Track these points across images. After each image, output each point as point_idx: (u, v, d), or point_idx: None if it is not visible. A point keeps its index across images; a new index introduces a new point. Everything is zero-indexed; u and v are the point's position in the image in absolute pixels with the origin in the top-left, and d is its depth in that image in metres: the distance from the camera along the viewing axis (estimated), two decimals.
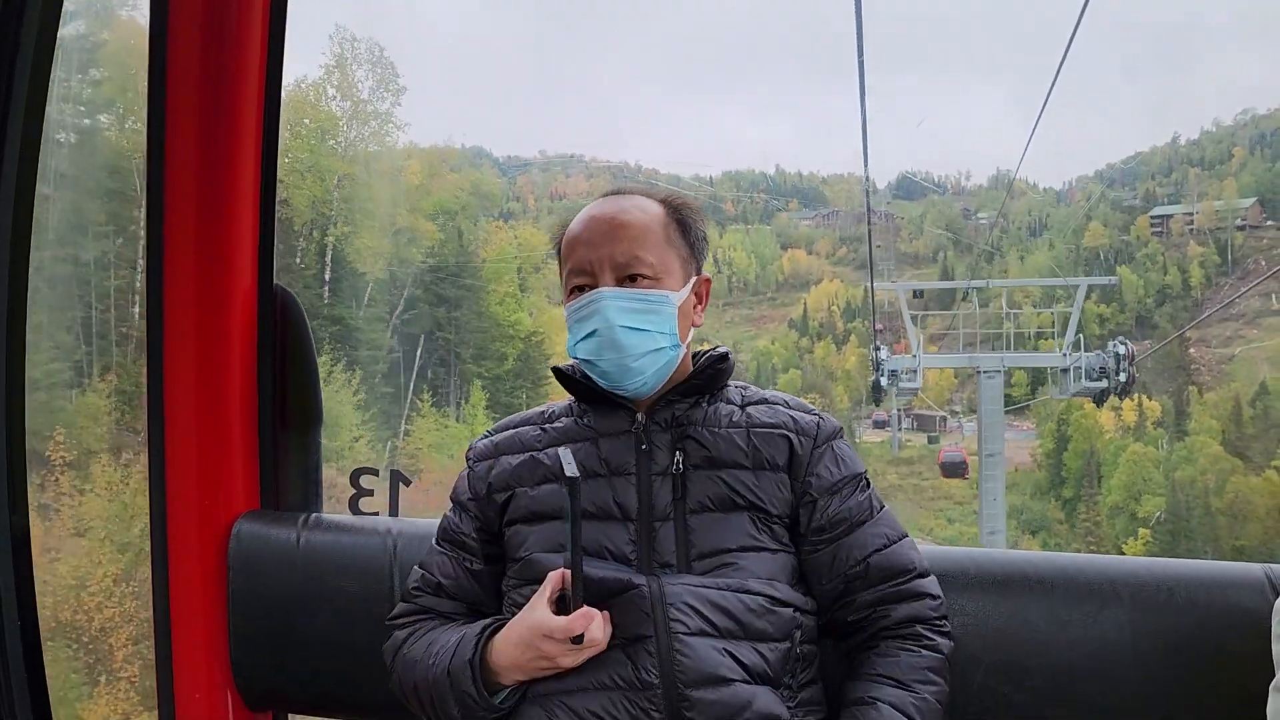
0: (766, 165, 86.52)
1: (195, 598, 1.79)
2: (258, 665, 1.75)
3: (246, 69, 1.74)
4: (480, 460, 1.47)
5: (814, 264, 60.99)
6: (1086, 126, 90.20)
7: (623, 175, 69.06)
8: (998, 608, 1.52)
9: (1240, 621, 1.45)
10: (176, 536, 1.79)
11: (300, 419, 1.89)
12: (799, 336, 53.23)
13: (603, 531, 1.33)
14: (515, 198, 59.42)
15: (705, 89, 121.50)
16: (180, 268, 1.78)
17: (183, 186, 1.76)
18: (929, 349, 31.95)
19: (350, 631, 1.68)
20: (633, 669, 1.26)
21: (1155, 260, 50.49)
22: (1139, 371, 32.55)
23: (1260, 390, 35.73)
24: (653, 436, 1.37)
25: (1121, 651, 1.48)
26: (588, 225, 1.39)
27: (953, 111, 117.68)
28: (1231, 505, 29.32)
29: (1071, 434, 36.86)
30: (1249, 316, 44.18)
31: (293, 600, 1.71)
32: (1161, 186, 56.30)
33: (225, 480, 1.82)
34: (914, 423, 39.83)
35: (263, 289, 1.85)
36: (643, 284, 1.36)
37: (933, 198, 67.73)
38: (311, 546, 1.72)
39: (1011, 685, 1.50)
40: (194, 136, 1.74)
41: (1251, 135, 55.63)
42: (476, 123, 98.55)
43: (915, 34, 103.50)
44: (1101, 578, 1.53)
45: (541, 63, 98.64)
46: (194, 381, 1.80)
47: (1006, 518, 28.79)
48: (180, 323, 1.79)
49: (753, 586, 1.31)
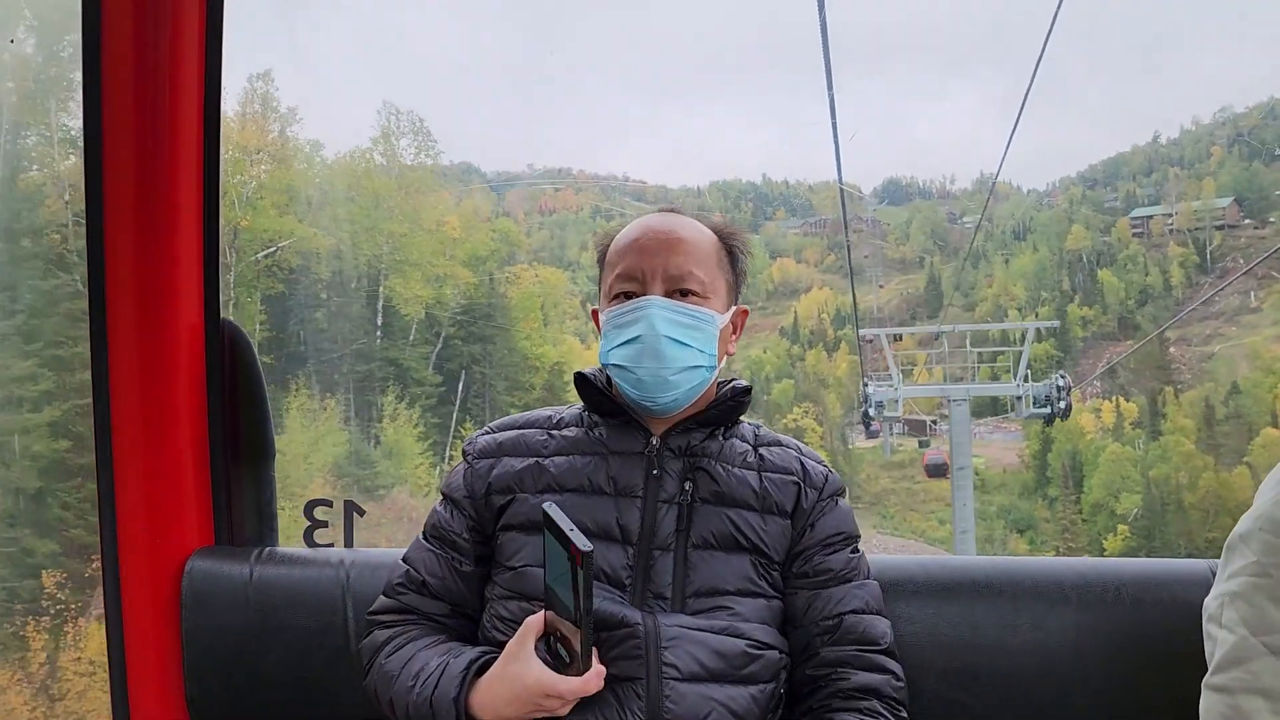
0: (753, 174, 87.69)
1: (149, 635, 1.77)
2: (213, 701, 1.74)
3: (184, 97, 1.71)
4: (481, 458, 1.43)
5: (803, 272, 61.44)
6: (1069, 127, 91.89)
7: (611, 188, 70.20)
8: (946, 614, 1.52)
9: (1183, 617, 1.44)
10: (129, 575, 1.78)
11: (252, 453, 1.88)
12: (790, 344, 53.75)
13: (600, 552, 1.29)
14: (505, 213, 60.60)
15: (690, 100, 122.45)
16: (123, 303, 1.76)
17: (122, 220, 1.73)
18: (919, 354, 33.80)
19: (304, 665, 1.68)
20: (619, 710, 1.23)
21: (1136, 261, 50.99)
22: (1123, 371, 34.59)
23: (1232, 390, 36.75)
24: (665, 462, 1.35)
25: (1067, 652, 1.48)
26: (644, 234, 1.37)
27: (936, 115, 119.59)
28: (1203, 500, 30.71)
29: (1055, 435, 37.64)
30: (1228, 314, 44.71)
31: (246, 635, 1.70)
32: (1142, 187, 56.83)
33: (177, 517, 1.81)
34: (905, 428, 41.06)
35: (209, 323, 1.83)
36: (692, 300, 1.35)
37: (918, 203, 67.92)
38: (265, 581, 1.72)
39: (963, 691, 1.50)
40: (132, 169, 1.72)
41: (1229, 134, 55.90)
42: (463, 139, 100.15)
43: (894, 36, 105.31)
44: (1048, 580, 1.53)
45: (527, 78, 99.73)
46: (141, 418, 1.78)
47: (995, 518, 30.61)
48: (125, 359, 1.76)
49: (744, 630, 1.29)
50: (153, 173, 1.72)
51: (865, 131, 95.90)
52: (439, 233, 29.47)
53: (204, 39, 1.71)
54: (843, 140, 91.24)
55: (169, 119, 1.70)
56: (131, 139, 1.70)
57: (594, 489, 1.33)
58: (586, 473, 1.34)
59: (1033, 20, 63.01)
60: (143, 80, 1.70)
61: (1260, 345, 39.76)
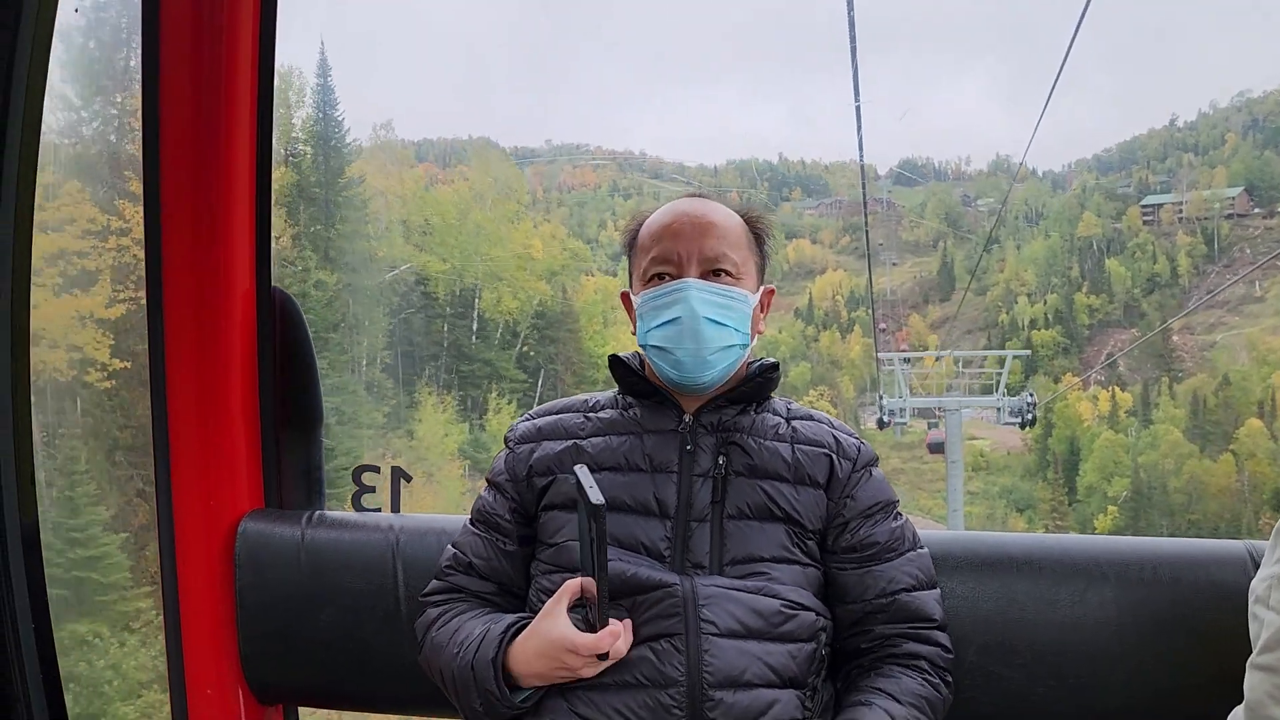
0: (769, 153, 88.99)
1: (204, 596, 1.81)
2: (267, 660, 1.77)
3: (239, 72, 1.75)
4: (522, 443, 1.47)
5: (818, 253, 62.52)
6: (1088, 109, 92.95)
7: (629, 164, 71.79)
8: (986, 588, 1.54)
9: (1222, 597, 1.46)
10: (184, 536, 1.83)
11: (302, 418, 1.91)
12: (805, 325, 54.98)
13: (640, 526, 1.34)
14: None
15: (706, 78, 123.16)
16: (179, 272, 1.80)
17: (179, 191, 1.77)
18: (930, 338, 37.24)
19: (356, 625, 1.71)
20: (658, 665, 1.26)
21: (1145, 249, 51.71)
22: (1124, 360, 38.52)
23: (1222, 382, 38.58)
24: (698, 438, 1.38)
25: (1107, 628, 1.50)
26: (676, 219, 1.40)
27: (950, 94, 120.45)
28: (1187, 485, 33.52)
29: (1056, 421, 39.87)
30: (1232, 304, 45.69)
31: (299, 596, 1.73)
32: (1155, 174, 57.36)
33: (230, 480, 1.85)
34: (915, 411, 43.85)
35: (260, 291, 1.85)
36: (725, 280, 1.38)
37: (933, 185, 68.66)
38: (316, 543, 1.75)
39: (1001, 664, 1.52)
40: (188, 141, 1.76)
41: (1244, 120, 56.67)
42: (482, 114, 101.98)
43: (907, 16, 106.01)
44: (1087, 557, 1.55)
45: (544, 54, 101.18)
46: (196, 384, 1.82)
47: (998, 498, 34.50)
48: (181, 327, 1.81)
49: (779, 591, 1.32)
50: (208, 147, 1.75)
51: (880, 112, 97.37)
52: (524, 254, 36.42)
53: (258, 17, 1.75)
54: (890, 118, 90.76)
55: (224, 98, 1.74)
56: (187, 117, 1.74)
57: (631, 466, 1.37)
58: (623, 451, 1.39)
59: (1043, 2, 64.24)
60: (199, 60, 1.73)
61: (1257, 336, 41.15)
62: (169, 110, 1.75)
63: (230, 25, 1.73)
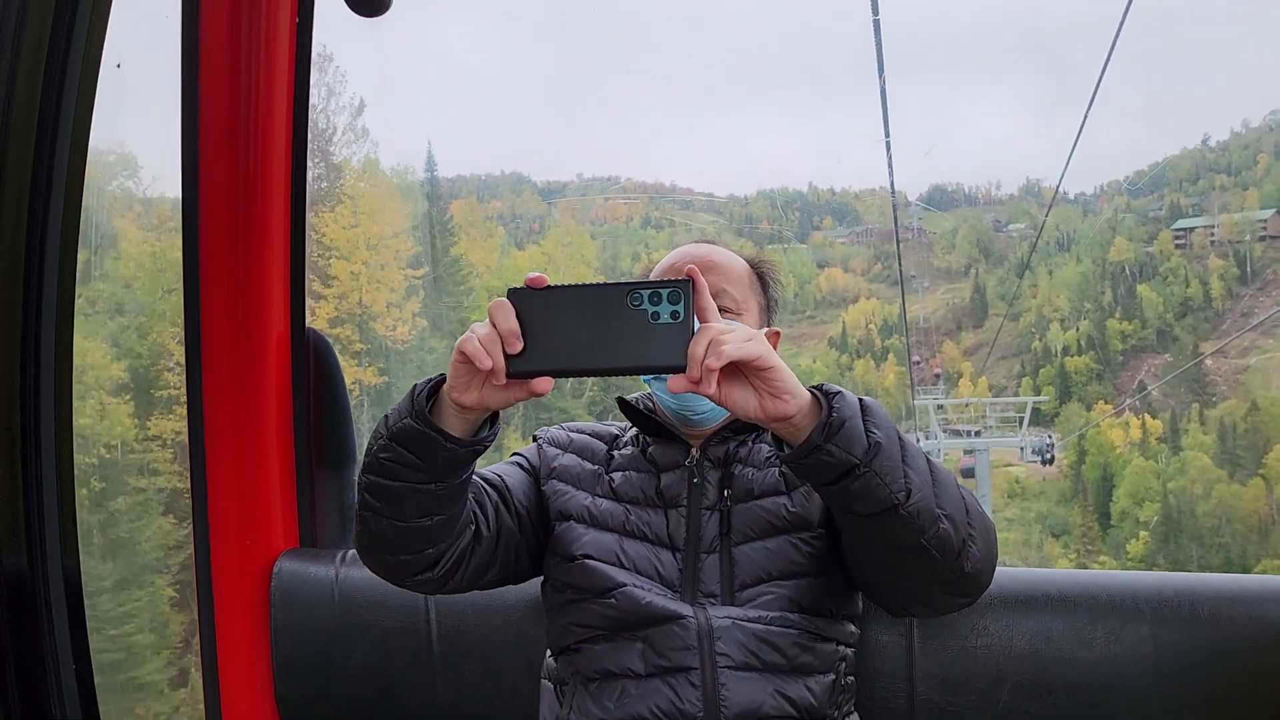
0: (799, 183, 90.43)
1: (240, 636, 1.85)
2: (302, 699, 1.80)
3: (274, 118, 1.80)
4: (552, 445, 1.50)
5: (850, 282, 62.91)
6: (1120, 130, 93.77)
7: (660, 195, 73.83)
8: (1021, 626, 1.52)
9: (1264, 635, 1.45)
10: (220, 575, 1.87)
11: (335, 458, 1.96)
12: (839, 354, 55.23)
13: (655, 555, 1.36)
14: (556, 223, 64.34)
15: (735, 109, 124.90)
16: (216, 316, 1.84)
17: (215, 237, 1.81)
18: (964, 364, 39.91)
19: (387, 664, 1.73)
20: (675, 701, 1.26)
21: (1178, 274, 51.91)
22: (1155, 390, 40.86)
23: (1251, 408, 39.07)
24: (704, 472, 1.40)
25: (1145, 667, 1.48)
26: (680, 259, 1.46)
27: (978, 118, 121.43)
28: (1215, 510, 34.28)
29: (1089, 448, 40.87)
30: (1265, 326, 45.42)
31: (333, 634, 1.76)
32: (1187, 195, 57.43)
33: (265, 520, 1.89)
34: (952, 434, 45.59)
35: (295, 332, 1.90)
36: (725, 316, 1.37)
37: (964, 210, 69.00)
38: (349, 582, 1.78)
39: (1037, 703, 1.50)
40: (224, 188, 1.80)
41: (1276, 140, 56.53)
42: (515, 151, 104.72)
43: (934, 38, 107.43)
44: (1124, 593, 1.53)
45: (575, 89, 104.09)
46: (232, 425, 1.86)
47: (1034, 523, 36.92)
48: (218, 368, 1.84)
49: (796, 621, 1.31)
50: (244, 192, 1.81)
51: (909, 137, 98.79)
52: None
53: (293, 63, 1.81)
54: (919, 144, 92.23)
55: (260, 143, 1.80)
56: (225, 162, 1.80)
57: (647, 501, 1.40)
58: (640, 485, 1.41)
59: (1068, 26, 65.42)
60: (235, 107, 1.78)
61: None
62: (206, 157, 1.80)
63: (266, 71, 1.79)
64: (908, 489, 1.08)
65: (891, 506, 1.08)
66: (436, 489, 1.15)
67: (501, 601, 1.67)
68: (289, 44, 1.81)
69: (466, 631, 1.70)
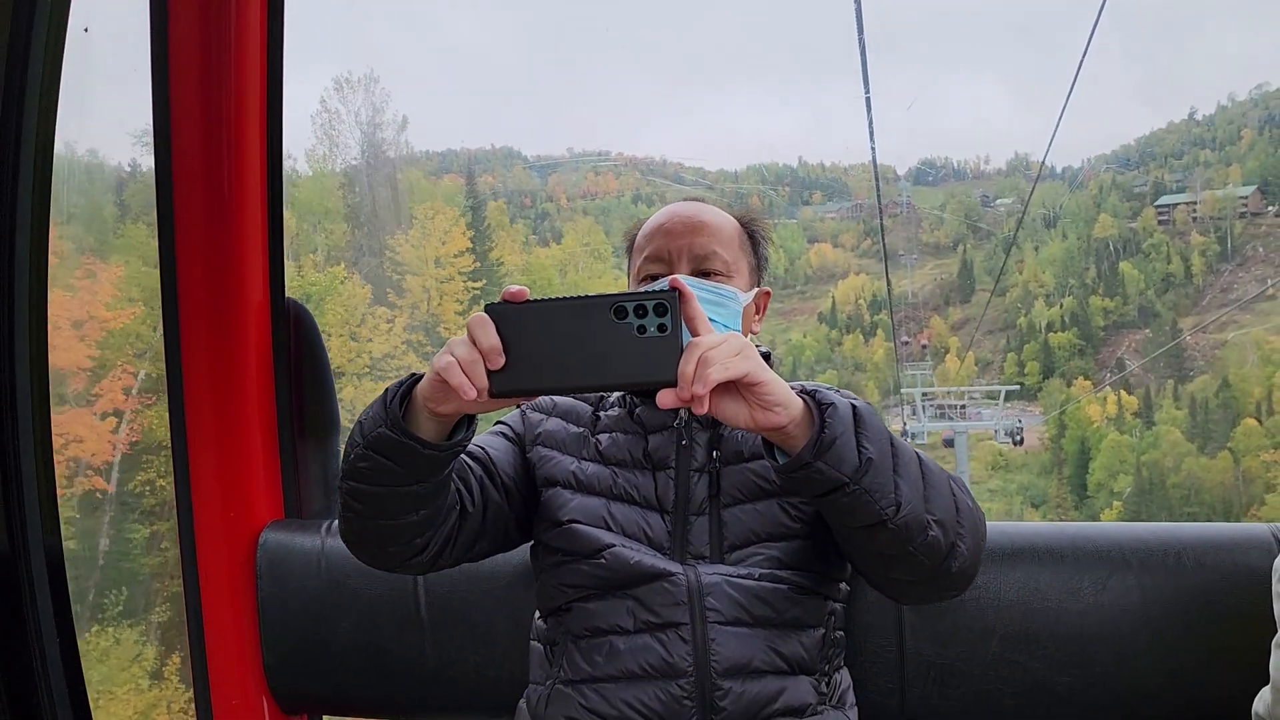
0: (789, 157, 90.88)
1: (226, 607, 1.84)
2: (290, 670, 1.80)
3: (248, 91, 1.78)
4: (536, 410, 1.47)
5: (840, 257, 63.56)
6: (1110, 103, 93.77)
7: (650, 170, 74.05)
8: (1009, 578, 1.55)
9: (1246, 580, 1.48)
10: (205, 549, 1.86)
11: (318, 428, 1.95)
12: (829, 329, 56.17)
13: (644, 518, 1.34)
14: (549, 198, 61.73)
15: (725, 83, 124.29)
16: (193, 286, 1.82)
17: (191, 208, 1.79)
18: (951, 339, 42.54)
19: (375, 632, 1.73)
20: (665, 656, 1.26)
21: (1160, 250, 52.60)
22: (1134, 361, 43.34)
23: (1222, 384, 40.35)
24: (693, 433, 1.38)
25: (1131, 615, 1.51)
26: (669, 218, 1.44)
27: (966, 92, 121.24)
28: (1184, 480, 36.05)
29: (1068, 422, 42.05)
30: (1243, 302, 46.46)
31: (320, 605, 1.76)
32: (1171, 171, 57.85)
33: (249, 492, 1.88)
34: (937, 412, 47.34)
35: (274, 303, 1.88)
36: (716, 279, 1.40)
37: (952, 186, 69.19)
38: (336, 552, 1.77)
39: (1025, 654, 1.53)
40: (199, 157, 1.78)
41: (1261, 115, 56.87)
42: (507, 125, 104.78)
43: (920, 12, 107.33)
44: (1110, 545, 1.55)
45: (565, 63, 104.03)
46: (213, 397, 1.84)
47: (1015, 494, 39.59)
48: (196, 340, 1.83)
49: (786, 577, 1.30)
50: (219, 162, 1.78)
51: (897, 113, 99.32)
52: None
53: (265, 31, 1.78)
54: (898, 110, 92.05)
55: (234, 111, 1.77)
56: (198, 131, 1.77)
57: (634, 463, 1.38)
58: (628, 447, 1.39)
59: None
60: (208, 74, 1.75)
61: (1262, 336, 42.41)
62: (180, 127, 1.78)
63: (238, 42, 1.76)
64: (897, 503, 1.07)
65: (880, 521, 1.07)
66: (419, 488, 1.14)
67: (489, 565, 1.64)
68: (261, 9, 1.79)
69: (455, 596, 1.69)
